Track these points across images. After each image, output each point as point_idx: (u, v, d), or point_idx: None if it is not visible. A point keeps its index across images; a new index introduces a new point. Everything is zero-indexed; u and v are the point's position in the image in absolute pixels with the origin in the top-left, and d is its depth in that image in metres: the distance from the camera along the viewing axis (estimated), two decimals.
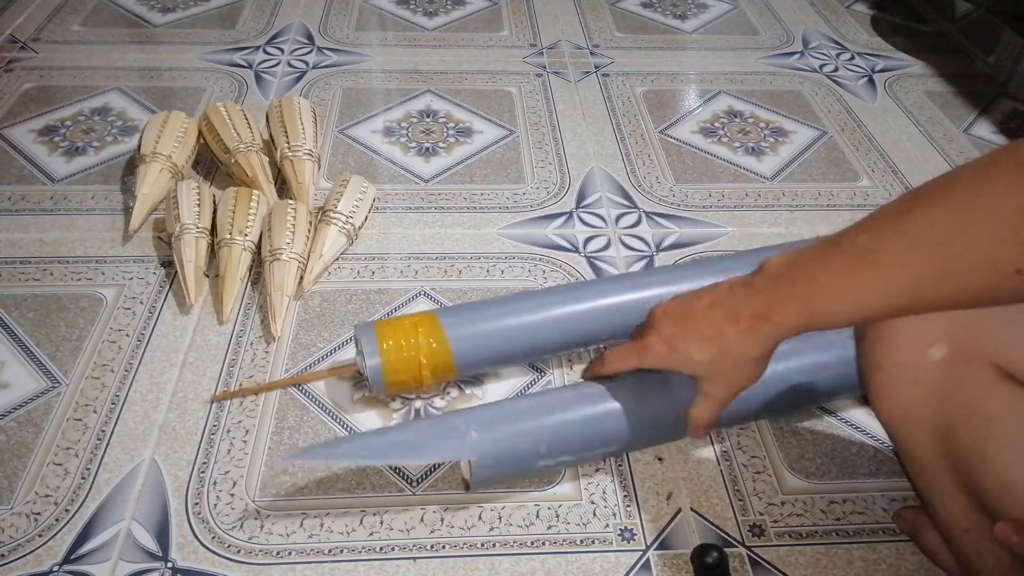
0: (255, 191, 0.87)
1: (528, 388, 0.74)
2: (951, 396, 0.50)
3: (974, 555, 0.53)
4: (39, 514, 0.62)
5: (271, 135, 0.96)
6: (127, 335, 0.76)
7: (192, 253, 0.80)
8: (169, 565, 0.59)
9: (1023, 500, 0.48)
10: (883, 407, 0.54)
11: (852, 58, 1.30)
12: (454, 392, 0.73)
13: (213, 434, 0.68)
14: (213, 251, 0.84)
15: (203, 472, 0.65)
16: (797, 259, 0.50)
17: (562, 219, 0.93)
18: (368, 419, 0.70)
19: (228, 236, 0.81)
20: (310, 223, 0.84)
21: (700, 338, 0.54)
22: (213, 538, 0.61)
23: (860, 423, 0.72)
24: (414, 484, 0.65)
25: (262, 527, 0.62)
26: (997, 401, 0.49)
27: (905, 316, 0.49)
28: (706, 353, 0.54)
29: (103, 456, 0.66)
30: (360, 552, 0.61)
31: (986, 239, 0.40)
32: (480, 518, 0.63)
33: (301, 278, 0.81)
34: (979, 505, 0.51)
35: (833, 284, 0.47)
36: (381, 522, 0.63)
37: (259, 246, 0.83)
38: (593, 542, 0.62)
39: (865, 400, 0.72)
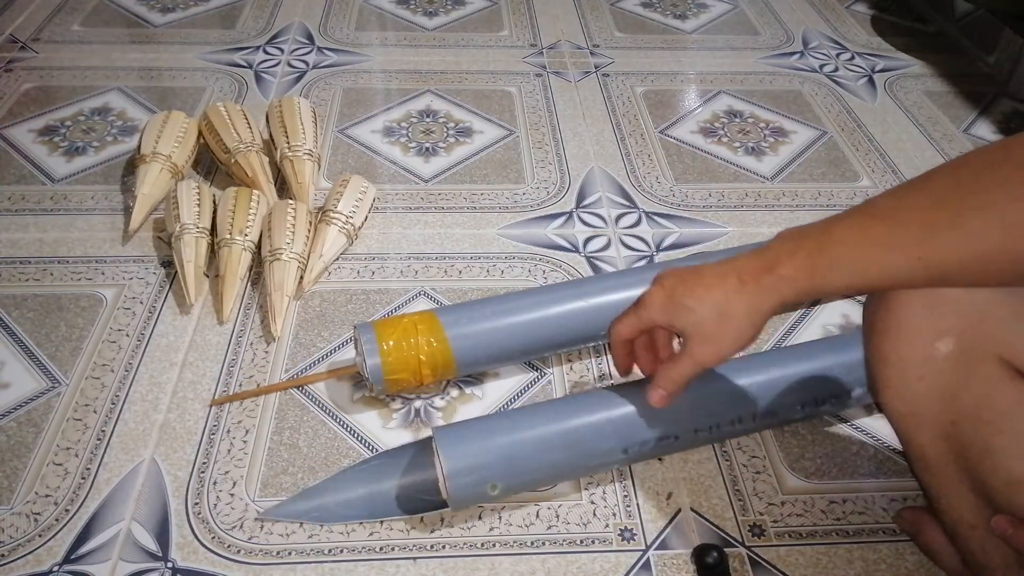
0: (255, 191, 0.87)
1: (528, 387, 0.73)
2: (958, 391, 0.50)
3: (979, 552, 0.52)
4: (39, 514, 0.62)
5: (271, 135, 0.96)
6: (127, 335, 0.76)
7: (192, 253, 0.80)
8: (169, 565, 0.59)
9: None
10: (889, 402, 0.54)
11: (852, 58, 1.30)
12: (454, 391, 0.73)
13: (213, 434, 0.68)
14: (213, 251, 0.84)
15: (203, 472, 0.65)
16: (813, 223, 0.50)
17: (562, 219, 0.93)
18: (368, 419, 0.70)
19: (228, 236, 0.81)
20: (310, 223, 0.84)
21: (701, 287, 0.53)
22: (213, 538, 0.61)
23: (860, 423, 0.72)
24: None
25: (262, 527, 0.62)
26: (1005, 396, 0.49)
27: (909, 286, 0.49)
28: (704, 303, 0.52)
29: (103, 456, 0.66)
30: (360, 552, 0.61)
31: (1003, 196, 0.41)
32: (480, 518, 0.63)
33: (301, 278, 0.81)
34: (985, 501, 0.51)
35: (842, 238, 0.47)
36: (381, 522, 0.62)
37: (259, 246, 0.83)
38: (593, 542, 0.62)
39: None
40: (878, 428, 0.71)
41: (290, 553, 0.60)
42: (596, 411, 0.62)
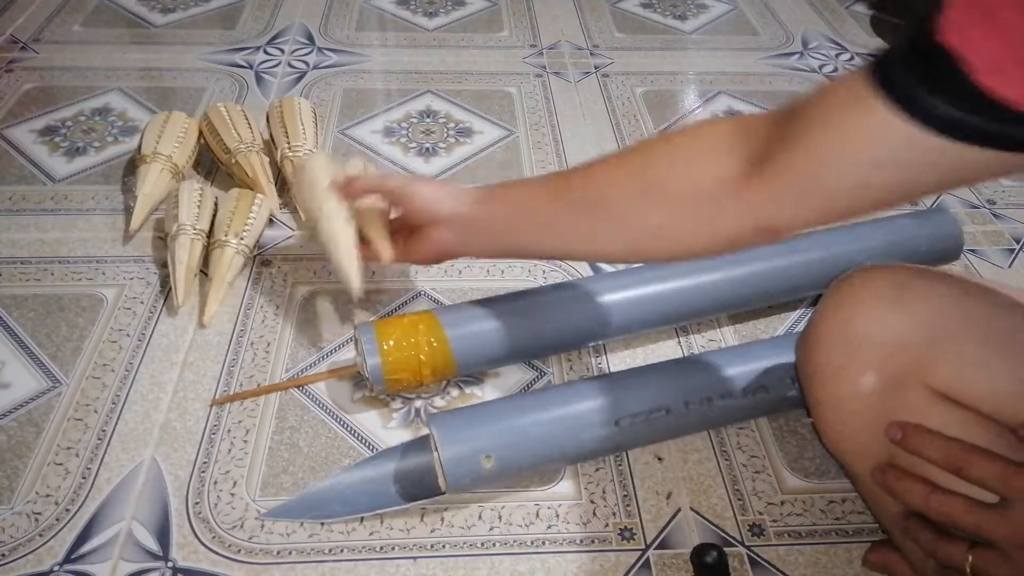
0: (258, 195, 0.87)
1: (529, 387, 0.74)
2: (889, 422, 0.50)
3: None
4: (40, 514, 0.62)
5: (271, 135, 0.96)
6: (128, 335, 0.77)
7: (185, 254, 0.79)
8: (170, 565, 0.59)
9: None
10: (831, 441, 0.55)
11: (852, 59, 1.30)
12: (454, 391, 0.73)
13: (214, 434, 0.68)
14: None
15: (204, 472, 0.66)
16: (511, 192, 0.65)
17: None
18: (368, 419, 0.70)
19: (223, 238, 0.81)
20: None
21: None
22: (214, 538, 0.61)
23: None
24: None
25: (262, 526, 0.62)
26: (931, 421, 0.49)
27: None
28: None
29: (104, 456, 0.66)
30: (360, 552, 0.61)
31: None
32: (480, 518, 0.63)
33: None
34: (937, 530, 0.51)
35: (504, 223, 0.63)
36: (381, 521, 0.63)
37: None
38: (593, 541, 0.62)
39: None
40: None
41: (290, 552, 0.60)
42: (587, 387, 0.65)
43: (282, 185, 0.94)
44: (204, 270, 0.82)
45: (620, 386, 0.65)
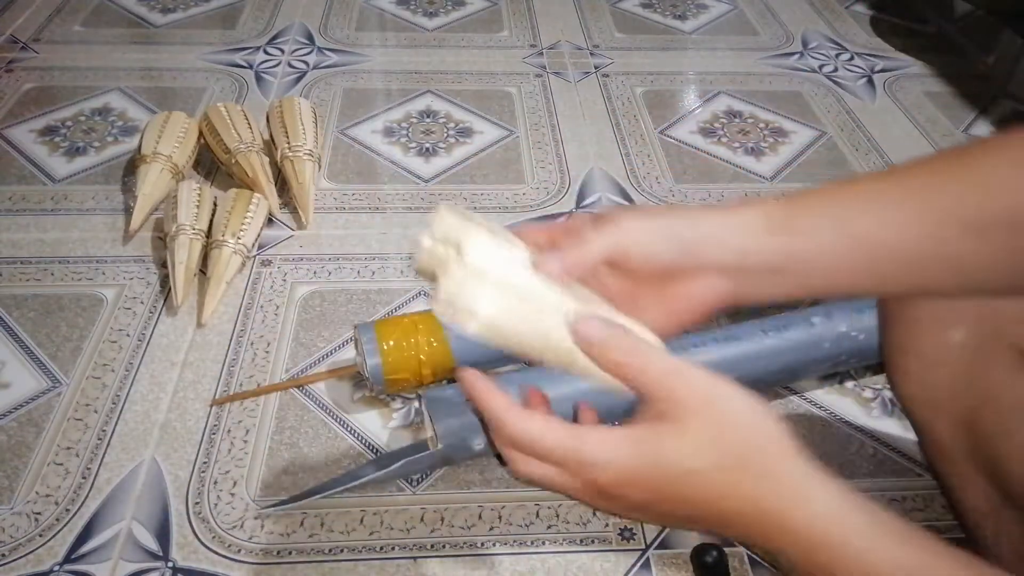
0: (256, 195, 0.87)
1: None
2: (976, 379, 0.50)
3: (992, 540, 0.53)
4: (40, 514, 0.62)
5: (271, 135, 0.96)
6: (128, 335, 0.77)
7: (184, 255, 0.80)
8: (170, 565, 0.59)
9: None
10: (907, 389, 0.54)
11: (851, 58, 1.30)
12: None
13: (214, 434, 0.68)
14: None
15: (204, 472, 0.66)
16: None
17: (562, 219, 0.93)
18: (368, 419, 0.70)
19: (220, 238, 0.81)
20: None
21: None
22: (214, 537, 0.61)
23: (859, 422, 0.72)
24: (414, 484, 0.65)
25: (263, 526, 0.62)
26: (1015, 383, 0.49)
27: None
28: None
29: (104, 456, 0.66)
30: (360, 551, 0.61)
31: None
32: (480, 517, 0.63)
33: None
34: (997, 489, 0.51)
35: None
36: (381, 521, 0.63)
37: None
38: (593, 541, 0.62)
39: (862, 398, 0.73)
40: (878, 427, 0.71)
41: (290, 552, 0.60)
42: None
43: (282, 185, 0.94)
44: (204, 270, 0.82)
45: None
